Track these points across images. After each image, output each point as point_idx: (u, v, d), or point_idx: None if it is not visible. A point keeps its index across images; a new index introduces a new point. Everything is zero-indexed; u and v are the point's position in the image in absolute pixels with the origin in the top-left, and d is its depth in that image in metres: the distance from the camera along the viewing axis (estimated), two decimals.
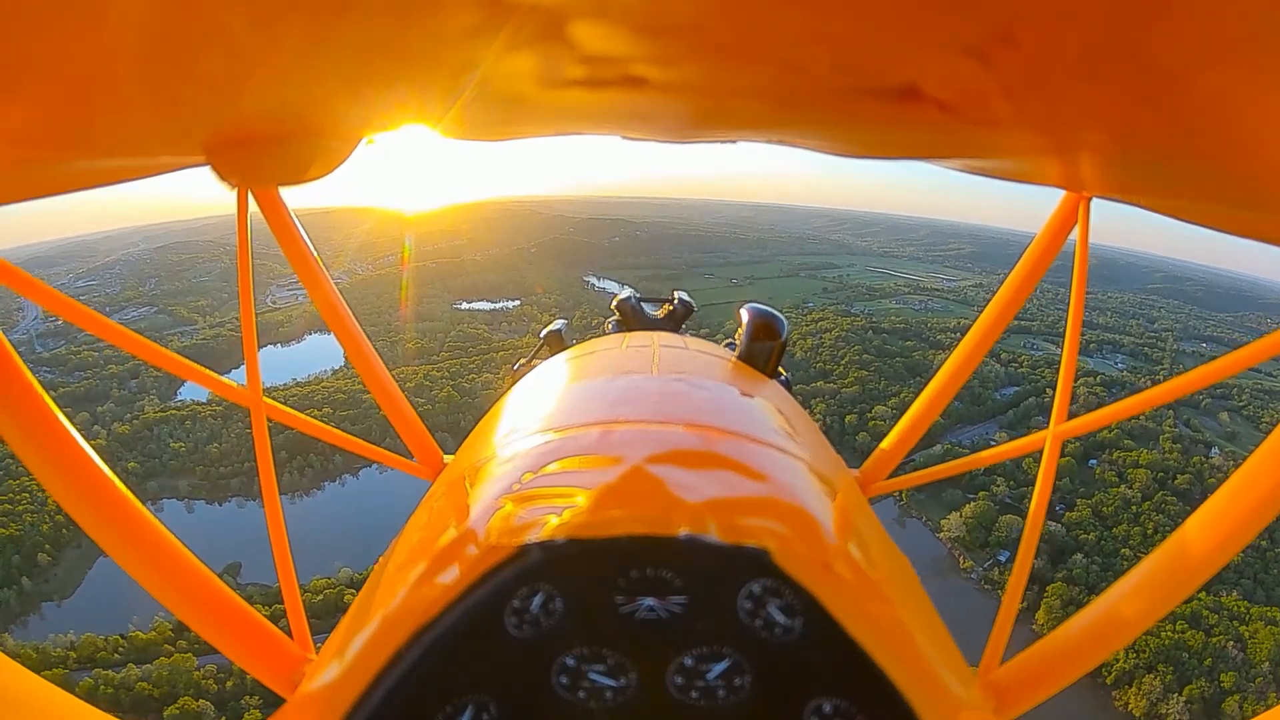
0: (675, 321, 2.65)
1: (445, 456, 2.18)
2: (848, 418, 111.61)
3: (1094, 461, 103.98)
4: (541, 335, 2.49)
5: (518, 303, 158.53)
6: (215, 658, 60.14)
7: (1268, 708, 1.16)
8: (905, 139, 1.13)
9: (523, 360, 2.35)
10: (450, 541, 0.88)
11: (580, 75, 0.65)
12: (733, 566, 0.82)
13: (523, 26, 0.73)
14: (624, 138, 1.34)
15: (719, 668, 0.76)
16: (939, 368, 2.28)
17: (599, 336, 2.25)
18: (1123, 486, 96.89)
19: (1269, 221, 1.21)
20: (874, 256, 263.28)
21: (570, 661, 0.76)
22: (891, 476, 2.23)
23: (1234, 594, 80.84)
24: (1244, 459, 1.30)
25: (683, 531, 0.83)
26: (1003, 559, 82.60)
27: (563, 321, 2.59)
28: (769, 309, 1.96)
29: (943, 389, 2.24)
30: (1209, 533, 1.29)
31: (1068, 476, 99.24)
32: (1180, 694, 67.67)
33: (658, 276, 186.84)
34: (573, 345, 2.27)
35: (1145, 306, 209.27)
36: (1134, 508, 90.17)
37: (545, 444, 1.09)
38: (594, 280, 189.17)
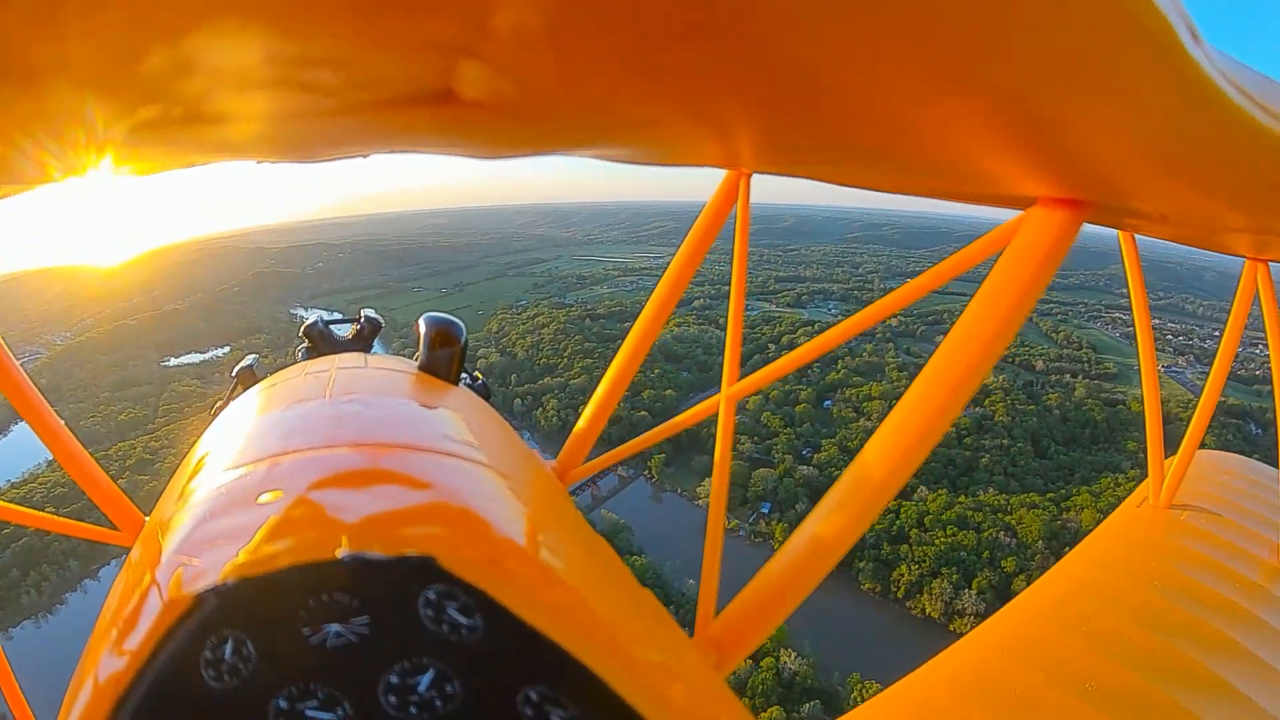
0: (364, 341, 2.63)
1: (146, 517, 2.12)
2: (582, 409, 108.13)
3: (829, 402, 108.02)
4: (234, 374, 2.45)
5: (227, 349, 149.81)
6: None
7: None
8: (502, 137, 1.15)
9: (219, 402, 2.29)
10: (135, 603, 0.88)
11: (154, 115, 0.67)
12: (402, 578, 0.84)
13: (61, 89, 0.72)
14: (257, 162, 1.33)
15: (426, 679, 0.78)
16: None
17: (287, 367, 2.28)
18: (861, 420, 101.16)
19: (901, 177, 1.46)
20: (579, 245, 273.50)
21: (283, 703, 0.76)
22: (588, 461, 2.41)
23: (990, 490, 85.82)
24: None
25: (343, 552, 0.85)
26: (765, 510, 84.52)
27: (254, 357, 2.56)
28: (445, 316, 2.00)
29: (623, 371, 2.49)
30: (891, 448, 1.41)
31: (808, 422, 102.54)
32: (970, 588, 70.70)
33: (367, 297, 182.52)
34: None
35: (849, 254, 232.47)
36: None
37: (220, 486, 1.10)
38: (302, 311, 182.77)
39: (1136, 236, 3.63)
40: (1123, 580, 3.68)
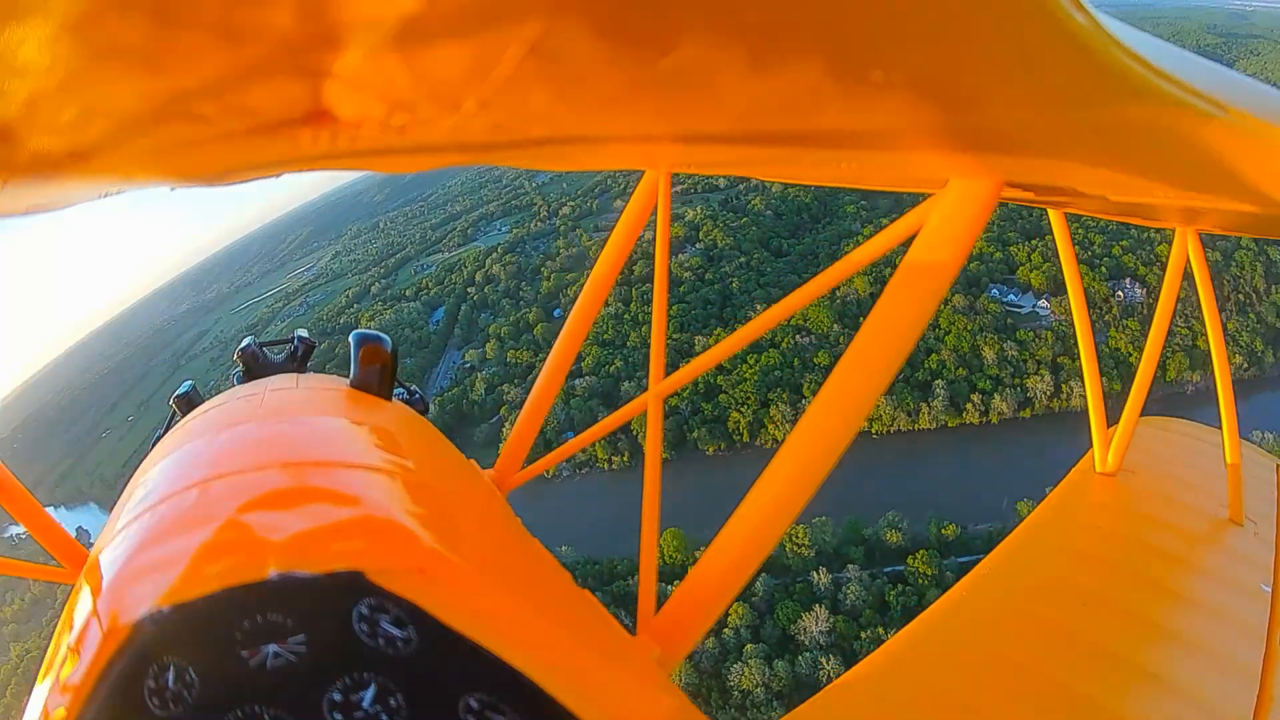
0: (297, 362, 2.78)
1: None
2: None
3: None
4: (170, 402, 2.55)
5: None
6: None
7: None
8: (400, 152, 1.20)
9: (161, 432, 2.39)
10: (77, 637, 0.94)
11: (44, 154, 0.73)
12: (333, 593, 0.91)
13: None
14: (171, 188, 1.29)
15: (368, 694, 0.83)
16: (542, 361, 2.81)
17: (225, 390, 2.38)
18: None
19: (820, 168, 1.63)
20: (229, 298, 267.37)
21: None
22: (525, 467, 2.60)
23: (757, 308, 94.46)
24: None
25: (272, 572, 0.91)
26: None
27: (190, 382, 2.66)
28: (372, 331, 2.09)
29: (553, 375, 2.72)
30: (818, 432, 1.53)
31: None
32: (805, 395, 79.78)
33: (63, 468, 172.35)
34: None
35: None
36: None
37: (154, 515, 1.18)
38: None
39: (1067, 215, 3.96)
40: (1076, 545, 4.13)
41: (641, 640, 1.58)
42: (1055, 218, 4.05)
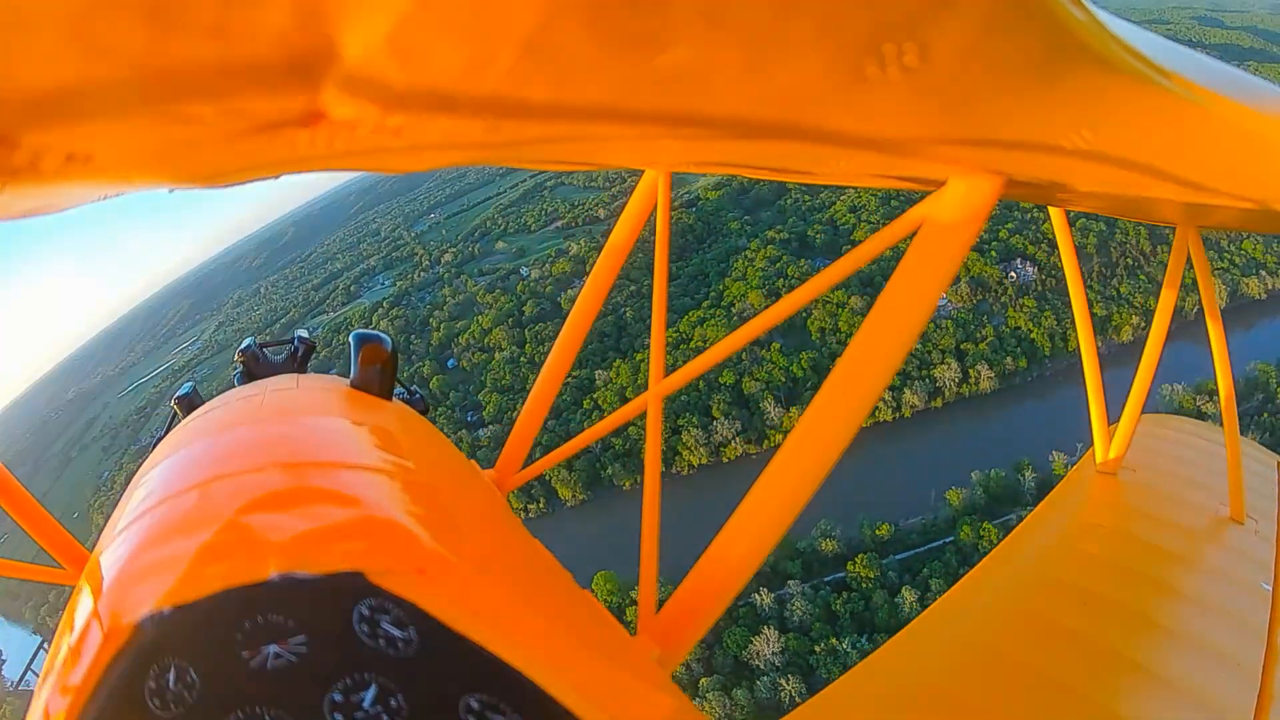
0: (298, 363, 2.83)
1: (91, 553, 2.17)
2: None
3: None
4: (172, 402, 2.57)
5: None
6: None
7: None
8: (398, 153, 1.20)
9: (162, 433, 2.44)
10: (78, 638, 0.96)
11: (41, 158, 0.72)
12: (334, 594, 0.93)
13: None
14: (169, 190, 1.27)
15: (369, 695, 0.84)
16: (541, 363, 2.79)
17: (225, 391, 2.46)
18: None
19: (822, 166, 1.67)
20: (116, 380, 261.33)
21: None
22: (525, 467, 2.65)
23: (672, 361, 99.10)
24: None
25: (272, 573, 0.93)
26: None
27: (190, 384, 2.70)
28: (372, 331, 2.11)
29: (553, 376, 2.80)
30: (817, 431, 1.56)
31: None
32: (713, 414, 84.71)
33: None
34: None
35: None
36: None
37: (155, 516, 1.20)
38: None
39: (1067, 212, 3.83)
40: (1076, 542, 4.19)
41: (641, 640, 1.60)
42: (1056, 215, 4.03)
